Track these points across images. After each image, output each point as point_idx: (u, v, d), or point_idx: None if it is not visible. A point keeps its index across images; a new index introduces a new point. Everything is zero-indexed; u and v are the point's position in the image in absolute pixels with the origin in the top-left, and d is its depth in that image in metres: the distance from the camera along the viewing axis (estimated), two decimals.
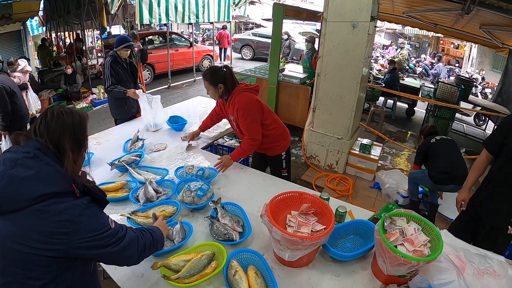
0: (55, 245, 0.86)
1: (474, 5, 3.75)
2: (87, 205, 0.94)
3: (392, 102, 6.58)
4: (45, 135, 0.94)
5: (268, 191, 1.89)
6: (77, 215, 0.89)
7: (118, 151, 2.38)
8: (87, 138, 1.05)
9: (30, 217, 0.85)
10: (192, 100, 4.04)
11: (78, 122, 1.00)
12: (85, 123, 1.03)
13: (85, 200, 0.95)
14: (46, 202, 0.87)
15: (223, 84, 2.05)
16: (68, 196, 0.92)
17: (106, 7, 6.64)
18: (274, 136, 2.24)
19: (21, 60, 4.84)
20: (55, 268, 0.89)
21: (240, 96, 2.06)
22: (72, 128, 0.98)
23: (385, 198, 3.35)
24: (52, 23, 9.68)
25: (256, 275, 1.25)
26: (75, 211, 0.89)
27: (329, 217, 1.41)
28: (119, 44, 3.12)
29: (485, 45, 7.08)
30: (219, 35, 11.00)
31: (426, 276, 1.19)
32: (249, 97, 2.07)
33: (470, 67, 13.44)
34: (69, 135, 0.97)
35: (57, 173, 0.91)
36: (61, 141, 0.95)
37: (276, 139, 2.26)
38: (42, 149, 0.92)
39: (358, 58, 3.22)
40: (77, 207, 0.90)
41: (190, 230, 1.51)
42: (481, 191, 1.89)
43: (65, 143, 0.96)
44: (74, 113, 1.01)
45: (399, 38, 19.24)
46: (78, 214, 0.89)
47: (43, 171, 0.89)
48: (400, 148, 4.81)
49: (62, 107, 1.00)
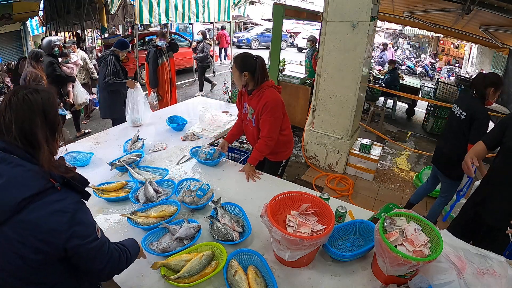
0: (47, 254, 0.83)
1: (474, 5, 3.75)
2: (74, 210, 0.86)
3: (392, 102, 6.58)
4: (13, 128, 0.82)
5: (268, 191, 1.89)
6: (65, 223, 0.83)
7: (118, 151, 2.38)
8: (59, 117, 0.94)
9: (15, 230, 0.80)
10: (192, 100, 4.04)
11: (48, 101, 0.88)
12: (55, 100, 0.92)
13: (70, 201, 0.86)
14: (27, 209, 0.80)
15: (249, 73, 1.97)
16: (48, 193, 0.84)
17: (106, 7, 6.65)
18: (283, 142, 2.21)
19: (73, 54, 5.00)
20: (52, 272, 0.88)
21: (270, 92, 2.00)
22: (43, 112, 0.86)
23: None
24: (52, 23, 9.67)
25: (256, 275, 1.25)
26: (62, 219, 0.83)
27: (329, 217, 1.41)
28: (123, 48, 3.40)
29: (485, 45, 7.08)
30: (218, 35, 11.04)
31: (426, 276, 1.19)
32: (278, 96, 2.04)
33: (470, 67, 13.44)
34: (41, 121, 0.86)
35: (29, 172, 0.83)
36: (33, 131, 0.84)
37: (283, 145, 2.24)
38: (8, 148, 0.83)
39: (358, 58, 3.22)
40: (63, 215, 0.83)
41: (200, 229, 1.50)
42: (481, 190, 1.89)
43: (38, 133, 0.85)
44: (42, 92, 0.88)
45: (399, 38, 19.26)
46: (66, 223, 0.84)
47: (14, 176, 0.81)
48: (400, 148, 4.81)
49: (26, 88, 0.87)
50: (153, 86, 4.55)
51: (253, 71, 1.97)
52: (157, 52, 4.41)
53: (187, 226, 1.48)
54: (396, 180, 3.78)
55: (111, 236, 1.51)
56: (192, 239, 1.45)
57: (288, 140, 2.25)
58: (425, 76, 12.84)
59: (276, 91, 2.06)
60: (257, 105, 2.03)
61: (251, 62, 1.97)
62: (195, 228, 1.46)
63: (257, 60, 1.98)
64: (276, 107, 2.00)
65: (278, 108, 2.01)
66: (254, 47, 16.10)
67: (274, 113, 2.00)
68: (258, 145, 2.09)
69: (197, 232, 1.47)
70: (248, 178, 2.08)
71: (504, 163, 1.74)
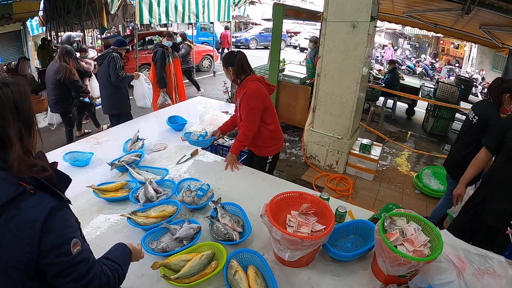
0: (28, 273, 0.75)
1: (474, 5, 3.76)
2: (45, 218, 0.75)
3: (392, 102, 6.58)
4: None
5: (268, 191, 1.89)
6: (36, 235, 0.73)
7: (118, 151, 2.38)
8: (33, 110, 0.85)
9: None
10: (192, 100, 4.04)
11: (20, 96, 0.80)
12: (27, 93, 0.83)
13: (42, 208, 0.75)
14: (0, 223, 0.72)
15: (233, 67, 2.16)
16: (21, 200, 0.74)
17: (106, 7, 6.64)
18: (269, 137, 2.29)
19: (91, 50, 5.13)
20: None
21: (252, 83, 2.14)
22: (14, 107, 0.77)
23: None
24: (52, 23, 9.67)
25: (256, 275, 1.25)
26: (33, 231, 0.73)
27: (329, 217, 1.41)
28: (122, 45, 3.63)
29: (485, 45, 7.08)
30: (221, 36, 11.08)
31: (426, 276, 1.20)
32: (260, 88, 2.15)
33: (470, 67, 13.45)
34: (13, 118, 0.77)
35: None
36: (5, 130, 0.76)
37: (269, 140, 2.31)
38: None
39: (358, 58, 3.22)
40: (34, 226, 0.73)
41: (199, 230, 1.49)
42: (481, 190, 1.89)
43: (10, 131, 0.76)
44: (11, 85, 0.79)
45: (399, 38, 19.26)
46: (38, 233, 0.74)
47: None
48: (400, 148, 4.81)
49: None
50: (162, 86, 4.52)
51: (234, 65, 2.16)
52: (164, 52, 4.45)
53: (187, 226, 1.47)
54: (396, 180, 3.78)
55: (111, 236, 1.52)
56: (192, 239, 1.45)
57: (274, 136, 2.32)
58: (425, 76, 12.84)
59: (261, 84, 2.17)
60: (241, 95, 2.18)
61: (233, 57, 2.17)
62: (195, 229, 1.46)
63: (236, 55, 2.17)
64: (254, 97, 2.11)
65: (255, 98, 2.11)
66: (252, 47, 16.03)
67: (251, 103, 2.11)
68: (239, 136, 2.21)
69: (196, 233, 1.47)
70: (226, 167, 2.19)
71: (504, 163, 1.74)
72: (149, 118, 3.30)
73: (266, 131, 2.25)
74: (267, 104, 2.19)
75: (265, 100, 2.16)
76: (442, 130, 5.73)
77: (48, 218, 0.75)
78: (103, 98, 3.70)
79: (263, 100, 2.15)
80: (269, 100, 2.21)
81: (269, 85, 2.22)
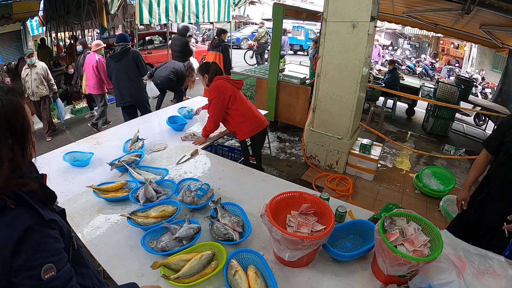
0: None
1: (474, 5, 3.75)
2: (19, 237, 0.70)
3: (392, 102, 6.58)
4: None
5: (268, 191, 1.89)
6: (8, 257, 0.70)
7: (118, 151, 2.38)
8: (28, 122, 0.77)
9: None
10: (192, 100, 4.04)
11: (12, 107, 0.72)
12: (20, 103, 0.75)
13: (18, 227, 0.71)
14: None
15: (208, 74, 2.61)
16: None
17: (106, 7, 6.64)
18: (236, 122, 2.66)
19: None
20: None
21: (214, 82, 2.58)
22: (6, 122, 0.71)
23: None
24: (52, 23, 9.67)
25: (256, 275, 1.25)
26: (4, 253, 0.70)
27: (329, 217, 1.41)
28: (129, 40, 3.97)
29: (485, 45, 7.08)
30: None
31: (426, 276, 1.19)
32: (221, 83, 2.56)
33: (470, 67, 13.45)
34: (4, 135, 0.71)
35: None
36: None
37: (237, 125, 2.67)
38: None
39: (358, 58, 3.22)
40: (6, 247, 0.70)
41: (199, 230, 1.50)
42: (480, 190, 1.89)
43: (1, 149, 0.70)
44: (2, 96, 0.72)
45: (399, 38, 19.26)
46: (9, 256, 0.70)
47: None
48: (400, 148, 4.81)
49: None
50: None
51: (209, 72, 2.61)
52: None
53: (187, 226, 1.48)
54: (396, 180, 3.78)
55: (111, 236, 1.52)
56: (192, 239, 1.45)
57: (242, 120, 2.66)
58: (425, 76, 12.84)
59: (223, 81, 2.57)
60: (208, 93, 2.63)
61: (208, 66, 2.63)
62: (194, 229, 1.46)
63: (211, 65, 2.64)
64: (214, 91, 2.53)
65: (215, 91, 2.52)
66: (244, 46, 15.33)
67: (212, 95, 2.53)
68: (207, 123, 2.62)
69: (196, 233, 1.47)
70: (194, 143, 2.61)
71: (504, 163, 1.74)
72: (149, 118, 3.30)
73: (233, 117, 2.63)
74: (229, 93, 2.55)
75: (225, 92, 2.54)
76: (442, 130, 5.72)
77: (20, 240, 0.70)
78: (123, 89, 3.89)
79: (224, 92, 2.53)
80: (232, 90, 2.58)
81: (234, 81, 2.64)
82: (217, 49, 5.93)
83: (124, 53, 3.77)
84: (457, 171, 4.28)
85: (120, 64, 3.78)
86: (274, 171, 3.91)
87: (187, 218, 1.54)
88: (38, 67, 4.45)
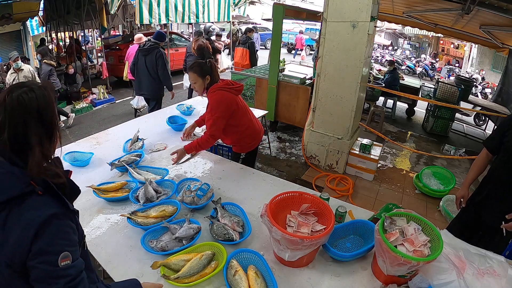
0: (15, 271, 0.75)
1: (474, 5, 3.75)
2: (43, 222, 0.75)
3: (392, 102, 6.58)
4: (5, 131, 0.76)
5: (268, 191, 1.89)
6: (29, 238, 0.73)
7: (118, 151, 2.38)
8: (56, 116, 0.86)
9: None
10: (192, 100, 4.04)
11: (44, 101, 0.81)
12: (51, 98, 0.84)
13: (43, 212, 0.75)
14: (2, 217, 0.74)
15: (210, 75, 2.19)
16: (27, 199, 0.76)
17: (106, 7, 6.63)
18: (233, 139, 2.43)
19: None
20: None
21: (214, 94, 2.17)
22: (38, 113, 0.79)
23: None
24: (52, 23, 9.66)
25: (256, 275, 1.25)
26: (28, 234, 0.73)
27: (329, 217, 1.41)
28: (163, 39, 4.23)
29: (485, 45, 7.08)
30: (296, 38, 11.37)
31: (426, 276, 1.19)
32: (223, 96, 2.16)
33: (470, 67, 13.45)
34: (36, 123, 0.79)
35: (6, 175, 0.75)
36: (27, 135, 0.78)
37: (235, 141, 2.45)
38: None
39: (358, 58, 3.22)
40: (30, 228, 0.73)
41: (199, 230, 1.49)
42: (480, 190, 1.89)
43: (32, 136, 0.78)
44: (37, 90, 0.80)
45: (399, 38, 19.26)
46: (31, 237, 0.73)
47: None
48: (400, 148, 4.81)
49: (21, 87, 0.79)
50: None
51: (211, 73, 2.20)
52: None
53: (187, 226, 1.48)
54: (396, 180, 3.78)
55: (111, 236, 1.52)
56: (192, 239, 1.45)
57: (241, 137, 2.39)
58: (425, 76, 12.84)
59: (223, 91, 2.16)
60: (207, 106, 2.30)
61: (208, 67, 2.22)
62: (194, 229, 1.46)
63: (210, 64, 2.25)
64: (217, 108, 2.15)
65: (219, 108, 2.15)
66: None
67: (215, 113, 2.15)
68: (201, 139, 2.19)
69: (196, 233, 1.47)
70: (174, 160, 2.23)
71: (504, 163, 1.74)
72: (149, 118, 3.30)
73: (232, 133, 2.34)
74: (234, 107, 2.21)
75: (229, 106, 2.18)
76: (442, 130, 5.72)
77: (43, 224, 0.74)
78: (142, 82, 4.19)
79: (227, 107, 2.16)
80: (235, 102, 2.22)
81: (233, 88, 2.22)
82: (244, 45, 6.59)
83: (151, 50, 4.02)
84: (457, 171, 4.28)
85: (145, 58, 4.05)
86: (274, 171, 3.91)
87: (187, 218, 1.54)
88: (25, 70, 4.44)
